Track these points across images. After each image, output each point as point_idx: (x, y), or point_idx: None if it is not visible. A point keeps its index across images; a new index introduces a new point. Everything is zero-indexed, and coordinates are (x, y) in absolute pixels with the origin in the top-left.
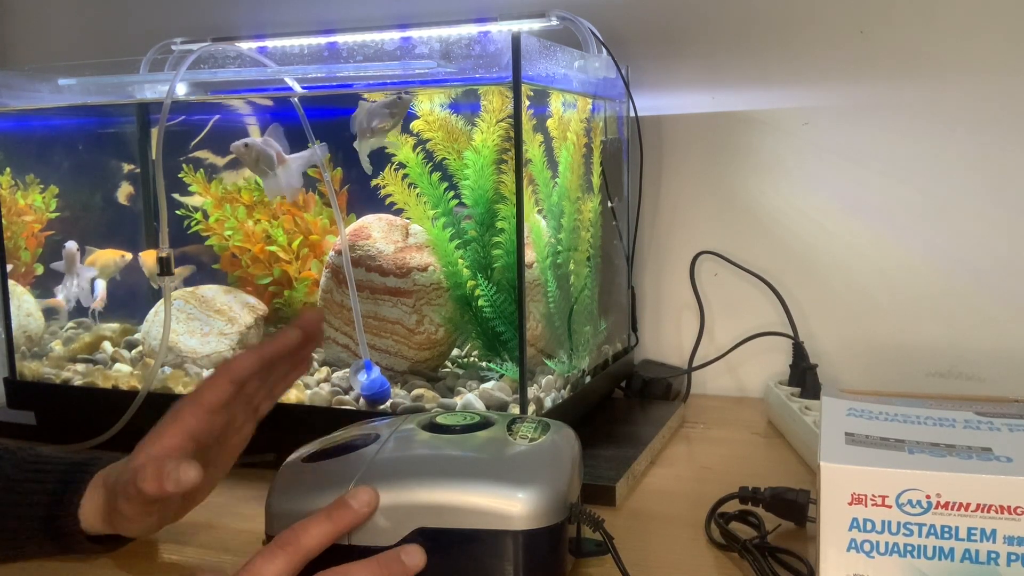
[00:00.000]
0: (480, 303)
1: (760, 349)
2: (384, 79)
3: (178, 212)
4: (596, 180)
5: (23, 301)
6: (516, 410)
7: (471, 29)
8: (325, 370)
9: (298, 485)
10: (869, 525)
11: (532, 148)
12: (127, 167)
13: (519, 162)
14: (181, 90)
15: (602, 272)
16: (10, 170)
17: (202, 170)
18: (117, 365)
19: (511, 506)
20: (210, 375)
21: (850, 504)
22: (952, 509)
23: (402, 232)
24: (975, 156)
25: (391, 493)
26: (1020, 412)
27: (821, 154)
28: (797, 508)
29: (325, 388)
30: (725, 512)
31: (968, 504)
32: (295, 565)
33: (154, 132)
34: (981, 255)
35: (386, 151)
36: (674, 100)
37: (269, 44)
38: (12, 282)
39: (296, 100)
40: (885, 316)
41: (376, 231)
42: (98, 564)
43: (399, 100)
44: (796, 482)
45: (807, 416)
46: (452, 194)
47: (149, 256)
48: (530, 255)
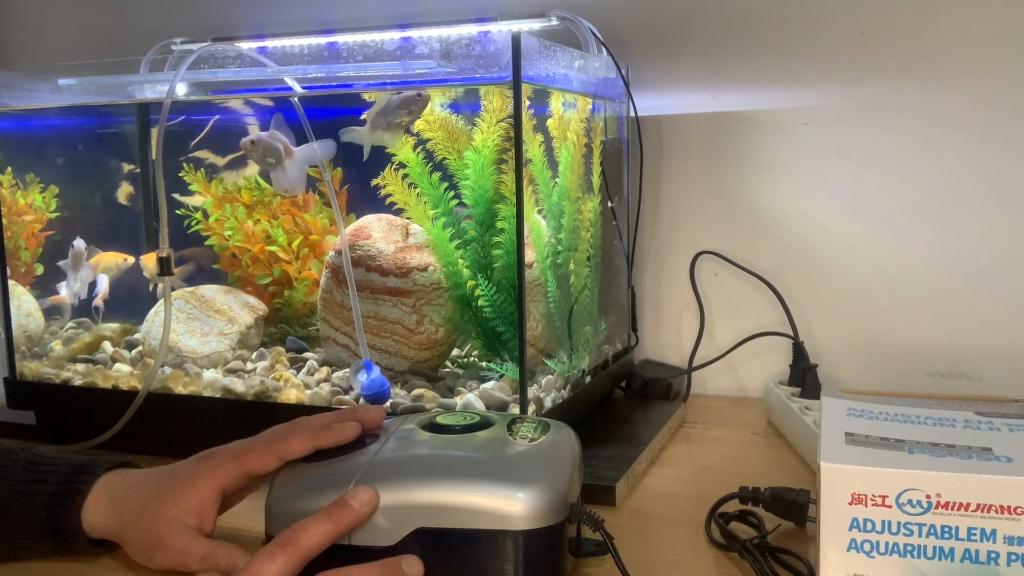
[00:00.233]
0: (480, 303)
1: (760, 349)
2: (384, 79)
3: (178, 212)
4: (596, 180)
5: (23, 301)
6: (516, 410)
7: (471, 29)
8: (325, 370)
9: (298, 485)
10: (869, 525)
11: (532, 148)
12: (127, 167)
13: (519, 162)
14: (181, 90)
15: (602, 272)
16: (11, 170)
17: (202, 170)
18: (117, 365)
19: (511, 506)
20: (263, 447)
21: (850, 504)
22: (952, 509)
23: (402, 232)
24: (975, 156)
25: (391, 493)
26: (1020, 412)
27: (821, 154)
28: (797, 508)
29: (325, 388)
30: (725, 512)
31: (968, 504)
32: (295, 565)
33: (154, 132)
34: (981, 255)
35: (386, 151)
36: (674, 100)
37: (269, 44)
38: (12, 282)
39: (296, 100)
40: (885, 316)
41: (376, 231)
42: (99, 564)
43: (418, 98)
44: (796, 482)
45: (807, 416)
46: (452, 194)
47: (150, 259)
48: (530, 255)
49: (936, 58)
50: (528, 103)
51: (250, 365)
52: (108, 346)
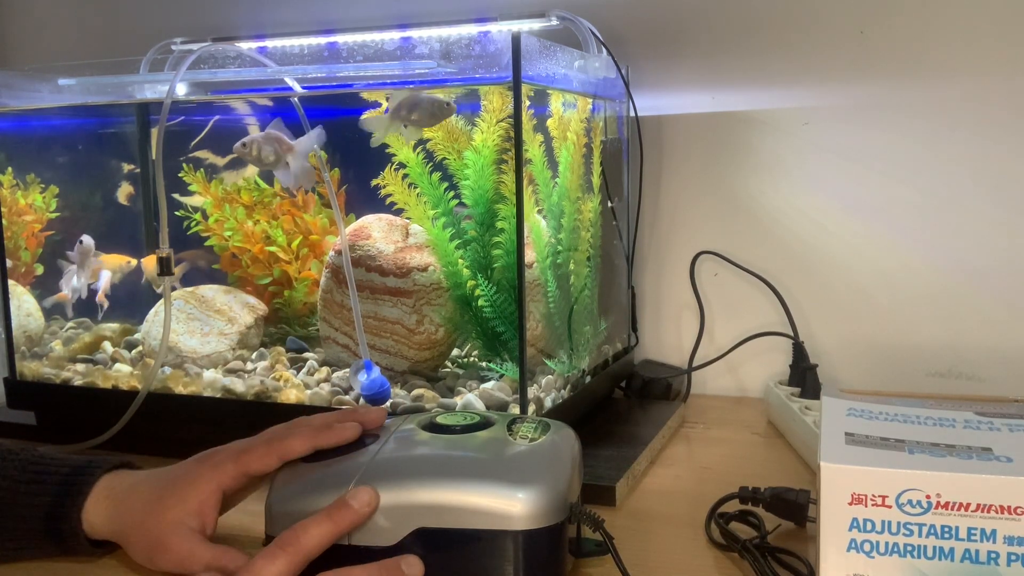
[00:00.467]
0: (480, 303)
1: (760, 349)
2: (384, 79)
3: (178, 213)
4: (596, 180)
5: (23, 301)
6: (516, 410)
7: (471, 29)
8: (325, 370)
9: (298, 485)
10: (869, 525)
11: (532, 148)
12: (127, 167)
13: (519, 162)
14: (181, 90)
15: (602, 272)
16: (11, 170)
17: (202, 170)
18: (117, 365)
19: (511, 506)
20: (263, 447)
21: (850, 504)
22: (952, 509)
23: (402, 232)
24: (975, 156)
25: (391, 493)
26: (1020, 412)
27: (821, 154)
28: (797, 508)
29: (325, 388)
30: (725, 512)
31: (968, 504)
32: (296, 565)
33: (154, 132)
34: (981, 255)
35: (387, 150)
36: (674, 100)
37: (269, 44)
38: (12, 282)
39: (296, 100)
40: (885, 316)
41: (376, 231)
42: (99, 564)
43: (446, 107)
44: (796, 482)
45: (807, 416)
46: (452, 194)
47: (150, 262)
48: (530, 255)
49: (936, 58)
50: (528, 103)
51: (250, 365)
52: (108, 346)
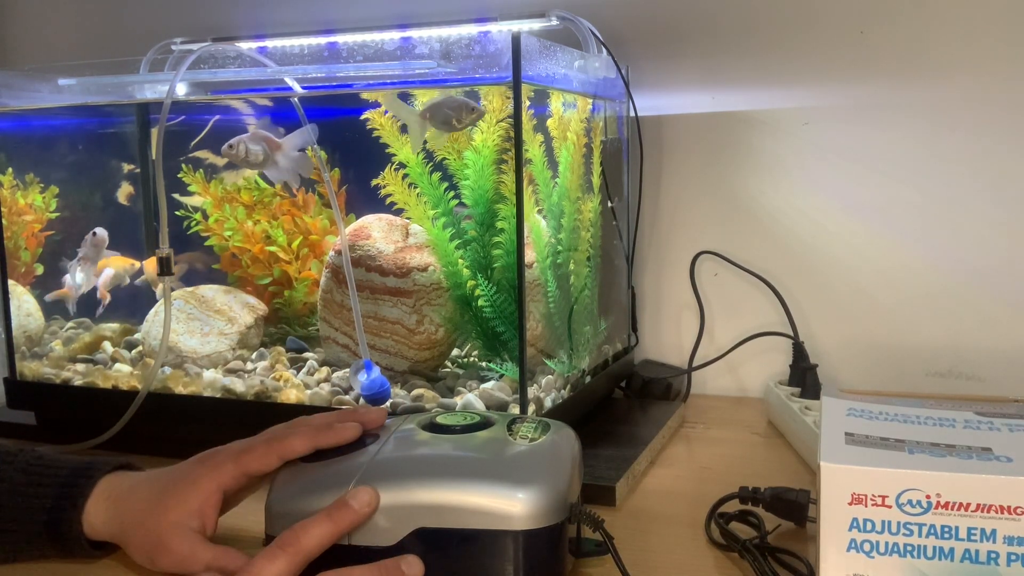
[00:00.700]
0: (480, 303)
1: (760, 349)
2: (384, 79)
3: (177, 213)
4: (596, 180)
5: (23, 301)
6: (516, 410)
7: (471, 29)
8: (325, 370)
9: (298, 485)
10: (869, 525)
11: (532, 148)
12: (127, 167)
13: (519, 162)
14: (181, 90)
15: (602, 272)
16: (11, 170)
17: (202, 170)
18: (117, 365)
19: (511, 506)
20: (263, 447)
21: (850, 504)
22: (952, 509)
23: (402, 232)
24: (975, 156)
25: (391, 493)
26: (1020, 412)
27: (821, 154)
28: (797, 508)
29: (325, 388)
30: (725, 512)
31: (968, 504)
32: (296, 566)
33: (154, 132)
34: (981, 255)
35: (387, 150)
36: (674, 100)
37: (269, 44)
38: (12, 282)
39: (296, 100)
40: (885, 316)
41: (376, 231)
42: (99, 565)
43: (473, 111)
44: (796, 482)
45: (807, 416)
46: (452, 194)
47: (152, 264)
48: (530, 255)
49: (936, 58)
50: (528, 103)
51: (250, 365)
52: (108, 346)
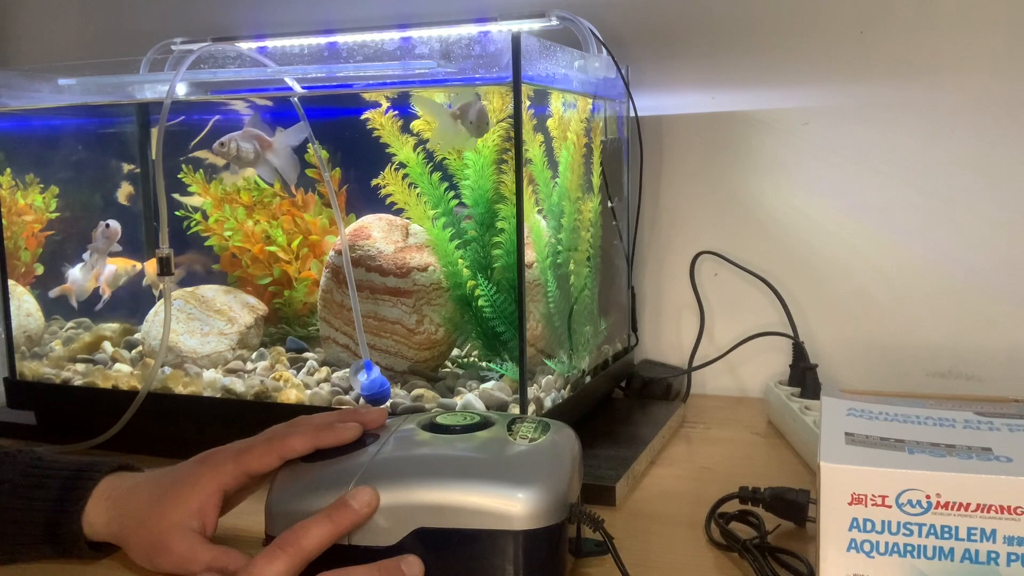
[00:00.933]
0: (480, 303)
1: (760, 349)
2: (384, 79)
3: (177, 213)
4: (596, 180)
5: (23, 301)
6: (516, 410)
7: (471, 29)
8: (325, 370)
9: (298, 485)
10: (869, 525)
11: (532, 148)
12: (127, 167)
13: (519, 162)
14: (181, 90)
15: (602, 272)
16: (10, 170)
17: (201, 170)
18: (117, 365)
19: (511, 506)
20: (263, 446)
21: (850, 504)
22: (952, 509)
23: (402, 232)
24: (975, 156)
25: (391, 493)
26: (1020, 412)
27: (821, 154)
28: (797, 508)
29: (325, 388)
30: (725, 512)
31: (968, 504)
32: (296, 566)
33: (154, 132)
34: (981, 255)
35: (387, 150)
36: (674, 100)
37: (269, 44)
38: (12, 282)
39: (296, 100)
40: (885, 316)
41: (376, 231)
42: (99, 565)
43: (486, 124)
44: (796, 482)
45: (807, 416)
46: (452, 194)
47: (152, 266)
48: (530, 255)
49: (936, 58)
50: (528, 103)
51: (250, 365)
52: (108, 346)
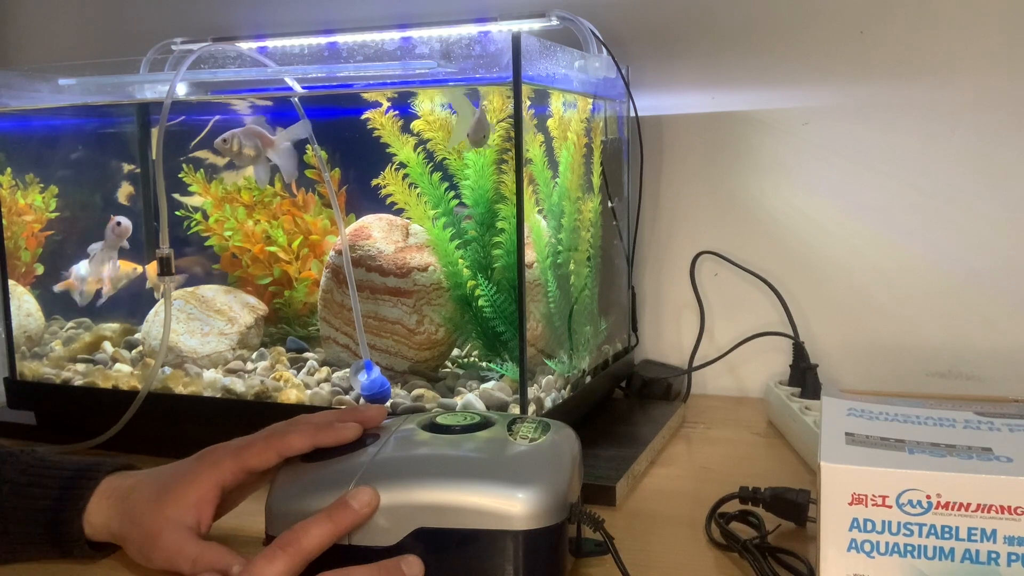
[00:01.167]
0: (480, 303)
1: (760, 349)
2: (384, 79)
3: (178, 213)
4: (596, 180)
5: (23, 301)
6: (516, 410)
7: (471, 29)
8: (325, 370)
9: (298, 485)
10: (869, 525)
11: (532, 148)
12: (127, 167)
13: (519, 162)
14: (181, 90)
15: (602, 272)
16: (10, 170)
17: (202, 170)
18: (117, 365)
19: (511, 506)
20: (262, 443)
21: (850, 504)
22: (952, 509)
23: (402, 232)
24: (975, 156)
25: (391, 493)
26: (1020, 412)
27: (821, 154)
28: (797, 508)
29: (325, 388)
30: (725, 512)
31: (968, 504)
32: (296, 566)
33: (154, 132)
34: (981, 255)
35: (387, 149)
36: (674, 100)
37: (269, 44)
38: (12, 282)
39: (296, 100)
40: (885, 316)
41: (376, 231)
42: (99, 564)
43: (481, 136)
44: (796, 482)
45: (807, 416)
46: (452, 194)
47: (154, 269)
48: (530, 255)
49: (936, 58)
50: (528, 103)
51: (250, 365)
52: (108, 346)
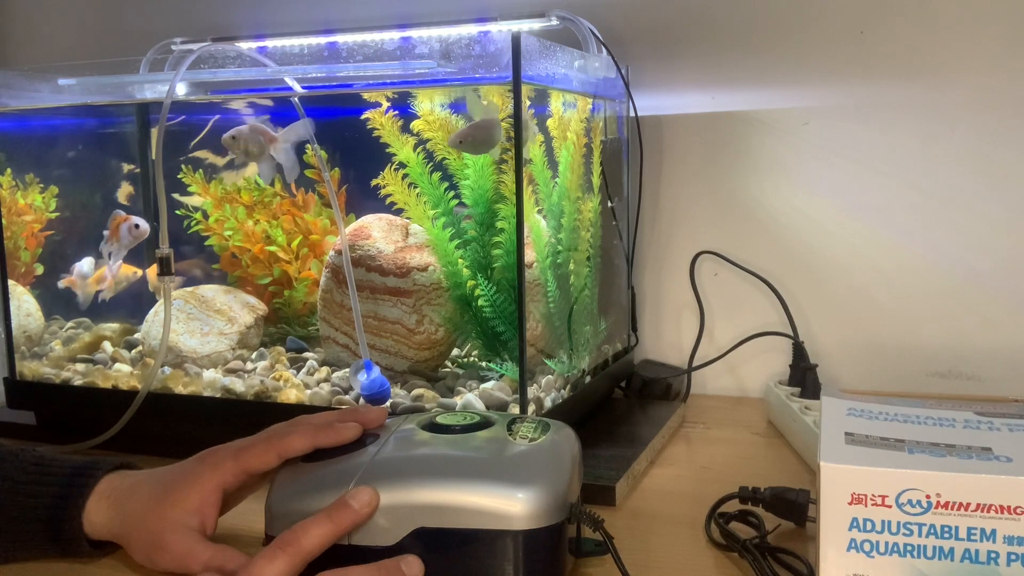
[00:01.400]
0: (480, 303)
1: (760, 349)
2: (384, 79)
3: (178, 212)
4: (596, 180)
5: (23, 301)
6: (516, 410)
7: (471, 29)
8: (325, 370)
9: (298, 485)
10: (869, 525)
11: (532, 148)
12: (127, 167)
13: (519, 162)
14: (181, 90)
15: (602, 272)
16: (10, 170)
17: (201, 170)
18: (117, 365)
19: (511, 506)
20: (263, 444)
21: (850, 504)
22: (952, 509)
23: (402, 232)
24: (975, 156)
25: (391, 493)
26: (1020, 412)
27: (821, 154)
28: (797, 508)
29: (325, 388)
30: (725, 512)
31: (968, 504)
32: (296, 566)
33: (154, 132)
34: (981, 255)
35: (387, 149)
36: (674, 100)
37: (269, 44)
38: (12, 282)
39: (296, 100)
40: (885, 316)
41: (376, 231)
42: (99, 564)
43: (480, 144)
44: (796, 482)
45: (807, 416)
46: (452, 194)
47: (154, 271)
48: (530, 255)
49: (936, 58)
50: (528, 103)
51: (250, 365)
52: (108, 346)
